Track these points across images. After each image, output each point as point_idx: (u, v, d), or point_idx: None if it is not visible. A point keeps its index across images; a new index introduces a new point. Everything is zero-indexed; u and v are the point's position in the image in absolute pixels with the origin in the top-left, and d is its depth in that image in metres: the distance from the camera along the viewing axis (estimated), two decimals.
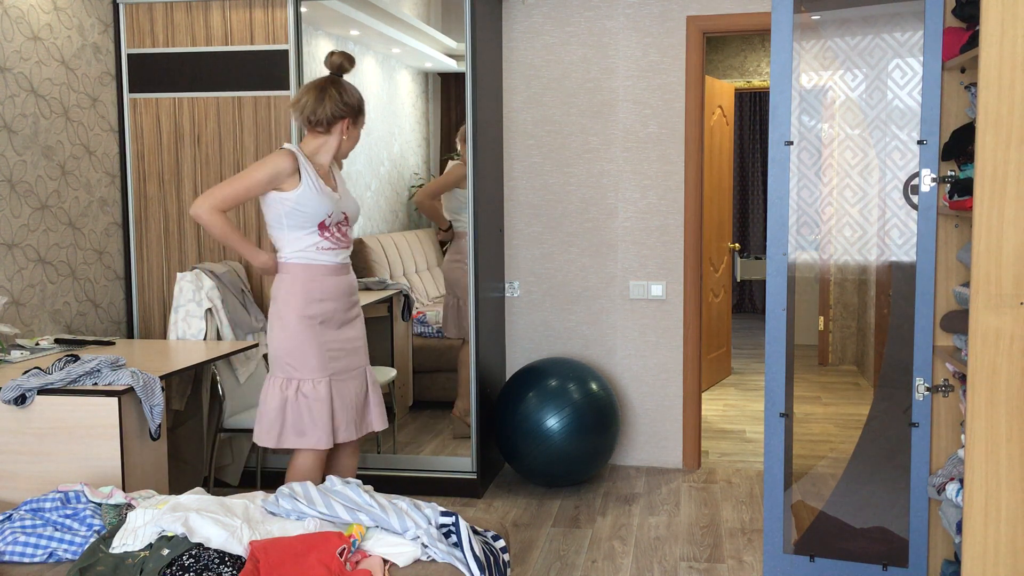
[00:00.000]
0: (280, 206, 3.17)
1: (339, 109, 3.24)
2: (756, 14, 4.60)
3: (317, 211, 3.17)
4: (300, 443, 3.21)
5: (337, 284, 3.27)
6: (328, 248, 3.23)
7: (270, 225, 3.25)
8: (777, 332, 3.28)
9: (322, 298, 3.22)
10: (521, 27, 4.84)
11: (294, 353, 3.20)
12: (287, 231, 3.20)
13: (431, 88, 6.38)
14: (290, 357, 3.20)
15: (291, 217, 3.17)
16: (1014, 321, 2.37)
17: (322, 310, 3.22)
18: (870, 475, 3.55)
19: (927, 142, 3.07)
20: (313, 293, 3.21)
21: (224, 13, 4.43)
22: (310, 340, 3.20)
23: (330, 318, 3.25)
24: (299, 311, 3.19)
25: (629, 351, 4.89)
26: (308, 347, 3.20)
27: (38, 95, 4.01)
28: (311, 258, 3.21)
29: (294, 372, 3.20)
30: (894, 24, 3.34)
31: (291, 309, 3.19)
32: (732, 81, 8.36)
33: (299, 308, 3.19)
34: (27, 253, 3.96)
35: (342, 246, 3.29)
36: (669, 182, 4.77)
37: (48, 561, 2.44)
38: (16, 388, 2.99)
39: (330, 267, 3.25)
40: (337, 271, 3.27)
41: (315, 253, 3.21)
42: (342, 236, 3.28)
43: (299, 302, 3.19)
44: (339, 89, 3.26)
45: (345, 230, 3.30)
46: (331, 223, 3.22)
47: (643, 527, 4.08)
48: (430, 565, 2.40)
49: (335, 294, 3.26)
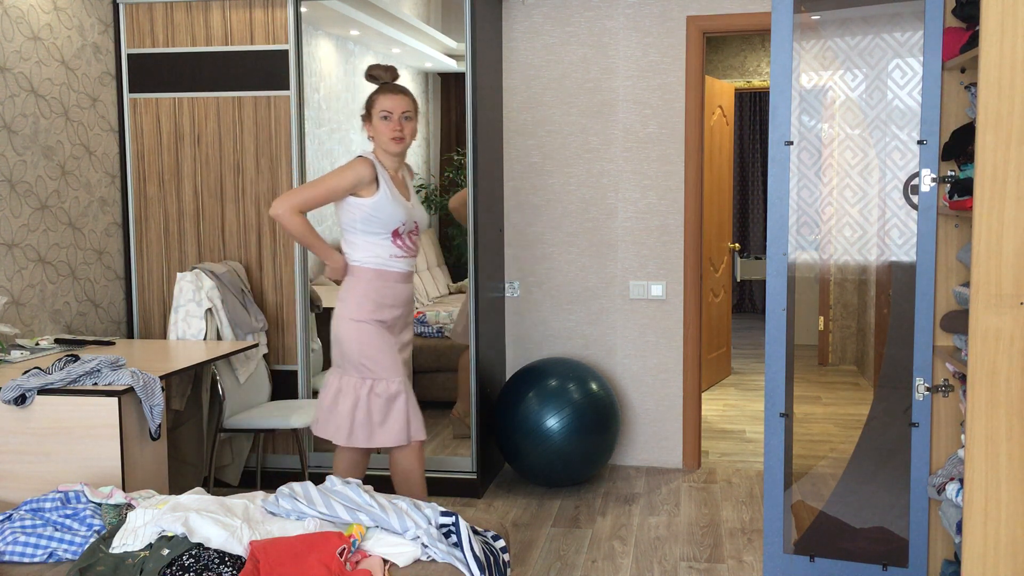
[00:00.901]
0: (356, 211, 3.26)
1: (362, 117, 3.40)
2: (756, 14, 4.60)
3: (392, 218, 3.27)
4: (372, 442, 3.31)
5: (405, 291, 3.39)
6: (400, 256, 3.34)
7: (344, 229, 3.34)
8: (777, 332, 3.28)
9: (392, 304, 3.34)
10: (521, 27, 4.84)
11: (370, 354, 3.29)
12: (361, 236, 3.29)
13: (431, 88, 6.38)
14: (366, 359, 3.29)
15: (366, 223, 3.27)
16: (1014, 321, 2.37)
17: (391, 315, 3.34)
18: (870, 475, 3.55)
19: (927, 142, 3.07)
20: (385, 299, 3.32)
21: (224, 13, 4.43)
22: (385, 342, 3.30)
23: (395, 324, 3.37)
24: (369, 315, 3.29)
25: (629, 351, 4.89)
26: (383, 349, 3.30)
27: (38, 95, 4.01)
28: (384, 264, 3.31)
29: (369, 372, 3.29)
30: (894, 24, 3.34)
31: (361, 313, 3.29)
32: (732, 81, 8.36)
33: (369, 313, 3.29)
34: (27, 253, 3.96)
35: (411, 254, 3.39)
36: (669, 182, 4.77)
37: (48, 561, 2.44)
38: (16, 388, 3.00)
39: (400, 274, 3.36)
40: (405, 279, 3.39)
41: (388, 260, 3.32)
42: (412, 245, 3.39)
43: (370, 307, 3.29)
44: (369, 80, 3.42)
45: (415, 239, 3.40)
46: (404, 231, 3.34)
47: (643, 527, 4.08)
48: (430, 565, 2.40)
49: (402, 301, 3.38)
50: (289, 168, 4.44)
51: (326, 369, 5.03)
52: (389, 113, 3.31)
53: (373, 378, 3.29)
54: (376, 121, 3.33)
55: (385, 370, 3.29)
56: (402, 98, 3.33)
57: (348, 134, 5.55)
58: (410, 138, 3.36)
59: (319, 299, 4.79)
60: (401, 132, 3.30)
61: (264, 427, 4.04)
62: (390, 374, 3.30)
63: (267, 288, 4.51)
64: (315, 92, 5.08)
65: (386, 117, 3.31)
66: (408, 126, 3.33)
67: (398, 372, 3.31)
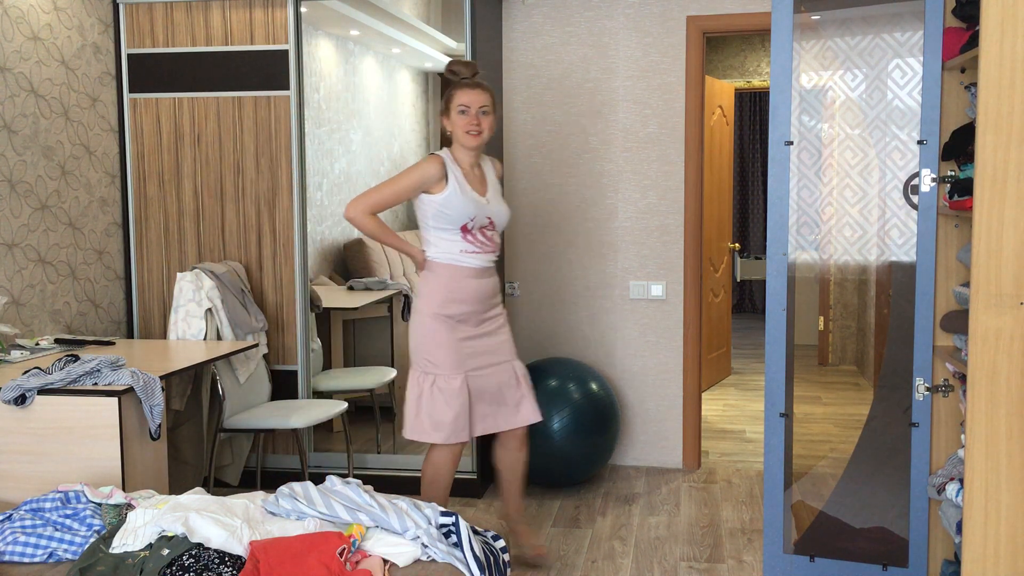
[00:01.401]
0: (428, 207, 3.34)
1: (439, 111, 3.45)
2: (756, 14, 4.60)
3: (460, 214, 3.30)
4: (435, 437, 3.36)
5: (478, 286, 3.40)
6: (472, 252, 3.37)
7: (420, 225, 3.43)
8: (777, 332, 3.28)
9: (462, 299, 3.37)
10: (521, 27, 4.84)
11: (431, 349, 3.36)
12: (433, 231, 3.37)
13: (431, 88, 6.38)
14: (427, 353, 3.37)
15: (436, 219, 3.33)
16: (1014, 321, 2.37)
17: (460, 311, 3.37)
18: (870, 475, 3.55)
19: (927, 142, 3.07)
20: (454, 294, 3.36)
21: (224, 13, 4.43)
22: (446, 337, 3.35)
23: (467, 318, 3.39)
24: (437, 309, 3.35)
25: (629, 351, 4.89)
26: (444, 344, 3.35)
27: (38, 95, 4.01)
28: (455, 260, 3.36)
29: (431, 367, 3.37)
30: (894, 24, 3.33)
31: (430, 306, 3.36)
32: (732, 81, 8.36)
33: (438, 306, 3.35)
34: (27, 253, 3.96)
35: (486, 250, 3.41)
36: (669, 182, 4.77)
37: (48, 561, 2.44)
38: (16, 388, 2.99)
39: (473, 270, 3.38)
40: (479, 274, 3.40)
41: (459, 255, 3.36)
42: (486, 240, 3.40)
43: (439, 301, 3.35)
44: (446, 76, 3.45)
45: (490, 235, 3.41)
46: (474, 227, 3.35)
47: (643, 527, 4.08)
48: (430, 565, 2.40)
49: (475, 296, 3.39)
50: (289, 168, 4.43)
51: (326, 369, 5.05)
52: (467, 108, 3.34)
53: (435, 373, 3.36)
54: (454, 115, 3.36)
55: (446, 367, 3.35)
56: (480, 92, 3.36)
57: (348, 134, 5.55)
58: (488, 132, 3.39)
59: (319, 299, 4.79)
60: (478, 127, 3.34)
61: (264, 427, 4.04)
62: (450, 371, 3.35)
63: (267, 288, 4.51)
64: (315, 92, 5.08)
65: (463, 112, 3.35)
66: (486, 121, 3.37)
67: (459, 369, 3.36)
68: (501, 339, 3.50)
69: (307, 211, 4.49)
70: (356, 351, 5.38)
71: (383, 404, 4.98)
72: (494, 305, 3.50)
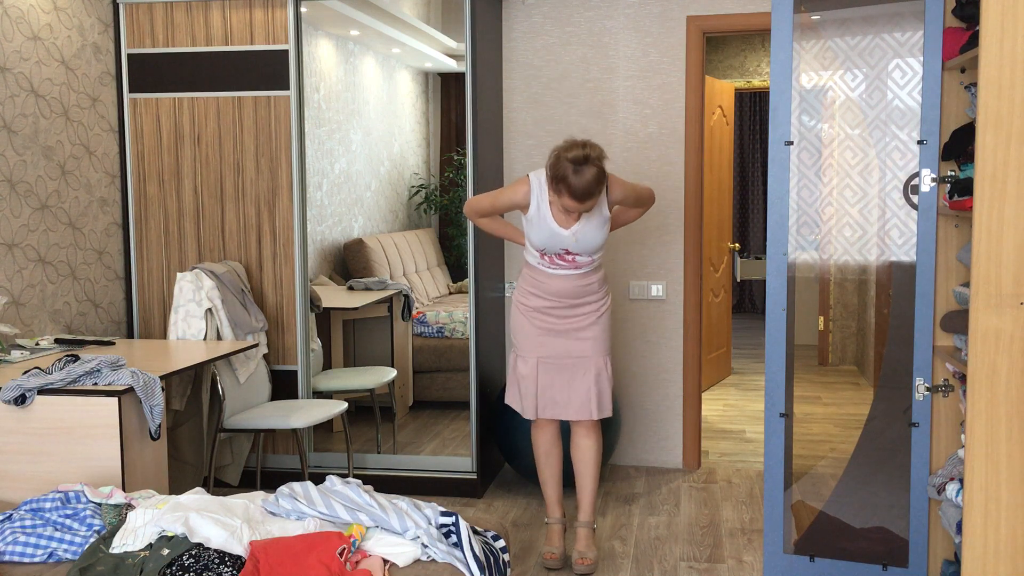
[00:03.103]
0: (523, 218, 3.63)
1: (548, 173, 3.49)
2: (756, 14, 4.60)
3: (536, 239, 3.55)
4: (516, 407, 3.75)
5: (556, 285, 3.61)
6: (547, 266, 3.61)
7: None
8: (777, 332, 3.28)
9: (541, 294, 3.63)
10: (521, 27, 4.84)
11: (515, 331, 3.73)
12: (526, 238, 3.65)
13: (431, 88, 6.38)
14: (513, 334, 3.75)
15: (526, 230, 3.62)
16: (1014, 321, 2.37)
17: (539, 304, 3.64)
18: (870, 475, 3.55)
19: (927, 142, 3.07)
20: (534, 288, 3.64)
21: (224, 13, 4.43)
22: (526, 324, 3.67)
23: (548, 311, 3.64)
24: (520, 299, 3.70)
25: (629, 351, 4.89)
26: (523, 330, 3.68)
27: (38, 95, 4.01)
28: (537, 262, 3.63)
29: (515, 348, 3.74)
30: (894, 24, 3.33)
31: (517, 295, 3.73)
32: (732, 81, 8.36)
33: (521, 297, 3.70)
34: (27, 253, 3.96)
35: (562, 268, 3.59)
36: (669, 182, 4.76)
37: (48, 561, 2.44)
38: (16, 388, 2.99)
39: (548, 275, 3.62)
40: (557, 279, 3.61)
41: (539, 261, 3.62)
42: (563, 262, 3.57)
43: (522, 292, 3.70)
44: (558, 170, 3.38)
45: (569, 259, 3.56)
46: (549, 252, 3.56)
47: (643, 527, 4.08)
48: (430, 565, 2.40)
49: (554, 294, 3.61)
50: (289, 168, 4.43)
51: (326, 369, 5.06)
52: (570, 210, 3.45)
53: (517, 354, 3.71)
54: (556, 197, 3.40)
55: (524, 349, 3.67)
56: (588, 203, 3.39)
57: (348, 134, 5.55)
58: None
59: (319, 299, 4.79)
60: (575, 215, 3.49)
61: (264, 427, 4.04)
62: (526, 353, 3.66)
63: (267, 288, 4.51)
64: (315, 92, 5.08)
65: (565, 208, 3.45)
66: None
67: (533, 354, 3.65)
68: (588, 335, 3.64)
69: (307, 211, 4.50)
70: (356, 351, 5.38)
71: (383, 404, 4.97)
72: (583, 303, 3.63)
